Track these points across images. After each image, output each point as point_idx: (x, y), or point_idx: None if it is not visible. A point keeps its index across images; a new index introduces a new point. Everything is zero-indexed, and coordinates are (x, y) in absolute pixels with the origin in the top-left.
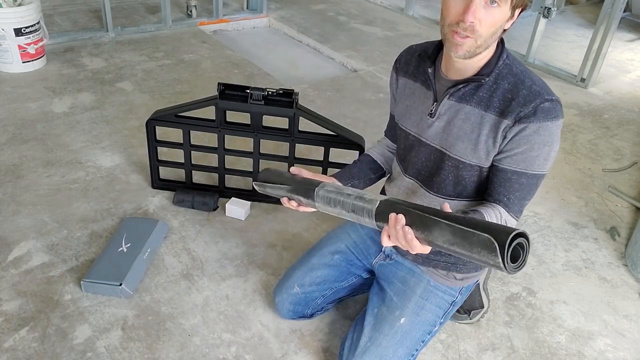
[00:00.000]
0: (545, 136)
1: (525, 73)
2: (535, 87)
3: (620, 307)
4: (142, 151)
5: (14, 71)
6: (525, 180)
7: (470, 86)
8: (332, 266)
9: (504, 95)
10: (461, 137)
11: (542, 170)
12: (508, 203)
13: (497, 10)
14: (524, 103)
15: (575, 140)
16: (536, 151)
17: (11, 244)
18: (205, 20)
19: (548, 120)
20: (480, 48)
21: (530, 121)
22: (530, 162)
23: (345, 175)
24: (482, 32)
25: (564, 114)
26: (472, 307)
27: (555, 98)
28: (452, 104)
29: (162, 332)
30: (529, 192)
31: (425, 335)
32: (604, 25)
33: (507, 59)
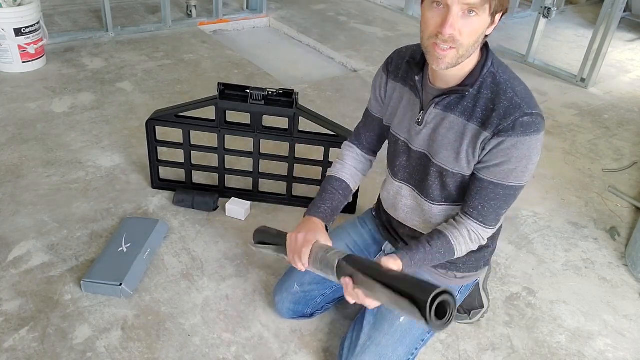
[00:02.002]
0: (523, 150)
1: (509, 82)
2: (516, 99)
3: (620, 307)
4: (142, 151)
5: (14, 71)
6: (501, 191)
7: (455, 96)
8: None
9: (487, 105)
10: (445, 146)
11: (520, 182)
12: (482, 212)
13: (476, 19)
14: (504, 116)
15: (575, 140)
16: (514, 164)
17: (11, 244)
18: (205, 20)
19: (526, 134)
20: (463, 58)
21: (509, 135)
22: (507, 175)
23: (329, 213)
24: (463, 42)
25: (544, 127)
26: (472, 307)
27: (536, 112)
28: (438, 113)
29: (162, 332)
30: (506, 202)
31: (425, 334)
32: (604, 25)
33: (492, 66)
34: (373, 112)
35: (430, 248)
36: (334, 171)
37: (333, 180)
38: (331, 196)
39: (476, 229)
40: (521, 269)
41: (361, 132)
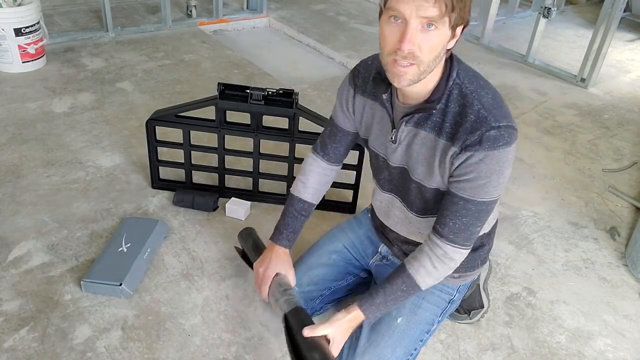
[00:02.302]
0: (492, 164)
1: (475, 94)
2: (482, 111)
3: (620, 307)
4: (142, 151)
5: (14, 71)
6: (472, 207)
7: (422, 113)
8: (329, 265)
9: (454, 118)
10: (420, 162)
11: (491, 197)
12: (453, 229)
13: (436, 32)
14: (470, 130)
15: (575, 140)
16: (483, 179)
17: (11, 244)
18: (205, 20)
19: (494, 148)
20: (424, 74)
21: (476, 150)
22: (477, 190)
23: (292, 237)
24: (424, 58)
25: (515, 138)
26: (472, 307)
27: (504, 124)
28: (410, 129)
29: (162, 332)
30: (477, 218)
31: (424, 334)
32: (604, 25)
33: (458, 77)
34: (341, 125)
35: (390, 287)
36: (295, 190)
37: (295, 202)
38: (293, 220)
39: (445, 252)
40: (521, 269)
41: (327, 142)
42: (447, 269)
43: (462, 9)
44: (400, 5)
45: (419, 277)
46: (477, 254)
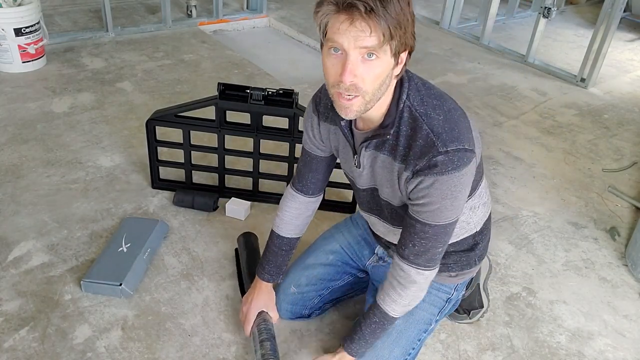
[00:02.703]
0: (443, 189)
1: (424, 117)
2: (431, 136)
3: (620, 307)
4: (142, 151)
5: (14, 71)
6: (429, 230)
7: (378, 138)
8: (327, 265)
9: (407, 141)
10: (384, 183)
11: (446, 220)
12: (414, 250)
13: (378, 62)
14: (420, 155)
15: (575, 140)
16: (436, 204)
17: (11, 244)
18: (205, 20)
19: (443, 174)
20: (371, 103)
21: (425, 174)
22: (431, 214)
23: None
24: (367, 89)
25: (467, 160)
26: (472, 307)
27: (452, 148)
28: (370, 153)
29: (162, 332)
30: (437, 240)
31: (421, 333)
32: (604, 25)
33: (408, 99)
34: (313, 153)
35: (364, 322)
36: (275, 227)
37: (274, 238)
38: (274, 256)
39: (407, 274)
40: (521, 269)
41: (304, 172)
42: (412, 294)
43: (403, 35)
44: (339, 37)
45: (386, 306)
46: (474, 253)
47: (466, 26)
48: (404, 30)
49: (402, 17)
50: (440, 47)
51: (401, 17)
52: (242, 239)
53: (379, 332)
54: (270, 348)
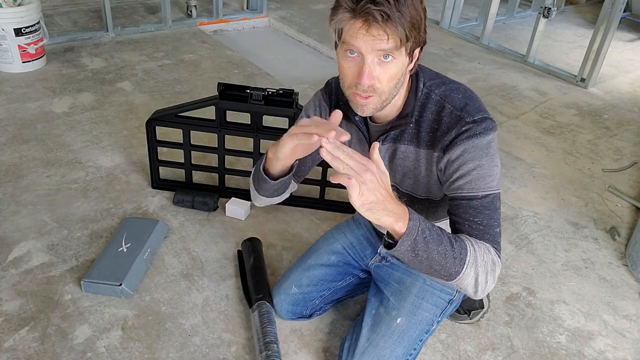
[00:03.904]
0: (475, 152)
1: (445, 97)
2: (456, 112)
3: (620, 307)
4: (142, 151)
5: (14, 71)
6: (477, 203)
7: (398, 129)
8: (329, 266)
9: (430, 126)
10: (406, 174)
11: (490, 189)
12: (472, 233)
13: (394, 63)
14: (447, 131)
15: (575, 140)
16: (474, 171)
17: (11, 244)
18: (205, 20)
19: (471, 138)
20: (387, 101)
21: (455, 145)
22: (473, 184)
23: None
24: (384, 89)
25: (494, 127)
26: (472, 307)
27: (479, 117)
28: (388, 146)
29: (162, 332)
30: (489, 215)
31: (423, 334)
32: (604, 25)
33: (425, 86)
34: None
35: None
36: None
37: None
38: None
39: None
40: (521, 269)
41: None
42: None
43: (417, 35)
44: (356, 41)
45: (468, 244)
46: None
47: (466, 26)
48: (418, 30)
49: (416, 17)
50: (440, 47)
51: (416, 18)
52: (249, 245)
53: (439, 251)
54: (276, 350)
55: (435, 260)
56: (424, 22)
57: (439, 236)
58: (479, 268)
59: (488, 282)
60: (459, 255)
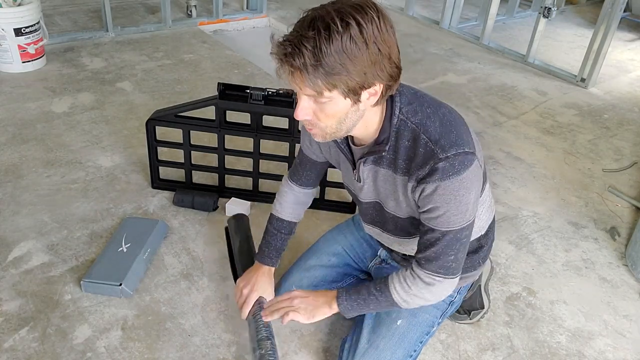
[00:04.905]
0: (446, 195)
1: (421, 126)
2: (430, 145)
3: (620, 307)
4: (142, 151)
5: (13, 71)
6: (440, 236)
7: (375, 154)
8: (329, 267)
9: (407, 154)
10: (388, 196)
11: (455, 226)
12: (427, 255)
13: (329, 104)
14: (421, 164)
15: (575, 140)
16: (442, 210)
17: (11, 244)
18: (205, 20)
19: (444, 179)
20: (339, 133)
21: (427, 182)
22: (439, 220)
23: (275, 255)
24: (326, 124)
25: (469, 162)
26: (472, 308)
27: (452, 153)
28: (370, 168)
29: (162, 332)
30: (448, 247)
31: (423, 336)
32: (604, 25)
33: (401, 113)
34: (309, 156)
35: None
36: (274, 210)
37: (274, 221)
38: (274, 238)
39: (420, 277)
40: (521, 269)
41: (299, 170)
42: (420, 290)
43: (352, 80)
44: (289, 83)
45: (392, 285)
46: (477, 256)
47: (466, 26)
48: (351, 76)
49: (348, 64)
50: (440, 47)
51: (346, 66)
52: (234, 222)
53: (372, 305)
54: (270, 348)
55: (375, 308)
56: (373, 64)
57: (365, 299)
58: (410, 298)
59: (428, 300)
60: (387, 299)
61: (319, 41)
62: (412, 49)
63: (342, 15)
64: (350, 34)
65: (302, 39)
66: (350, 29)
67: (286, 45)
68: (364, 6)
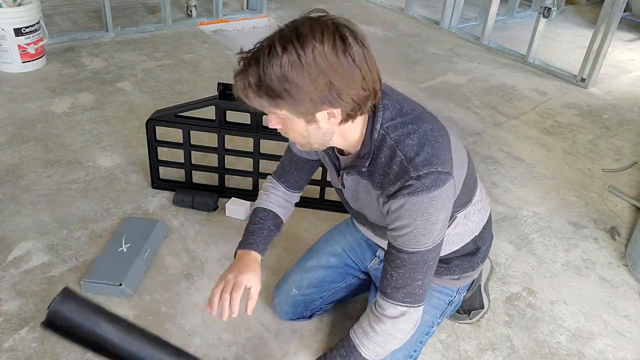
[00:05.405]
0: (414, 210)
1: (399, 142)
2: (404, 162)
3: (620, 307)
4: (142, 151)
5: (13, 71)
6: (406, 257)
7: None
8: (329, 268)
9: (383, 170)
10: (368, 206)
11: (421, 247)
12: (392, 282)
13: (288, 121)
14: (394, 181)
15: (575, 140)
16: (409, 227)
17: (11, 244)
18: (205, 20)
19: (412, 195)
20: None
21: (396, 197)
22: (406, 239)
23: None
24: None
25: (440, 182)
26: (472, 308)
27: (423, 172)
28: (352, 178)
29: (162, 332)
30: (415, 270)
31: (423, 336)
32: (604, 25)
33: (382, 128)
34: (300, 155)
35: (330, 355)
36: (258, 203)
37: (259, 212)
38: (259, 227)
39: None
40: (521, 269)
41: (288, 170)
42: (387, 331)
43: (293, 104)
44: None
45: (357, 339)
46: (476, 257)
47: (466, 26)
48: (296, 101)
49: (292, 90)
50: (440, 47)
51: (290, 91)
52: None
53: None
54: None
55: None
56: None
57: None
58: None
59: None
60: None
61: (263, 64)
62: (412, 49)
63: (283, 41)
64: (288, 59)
65: (251, 60)
66: (288, 55)
67: (240, 62)
68: (314, 32)
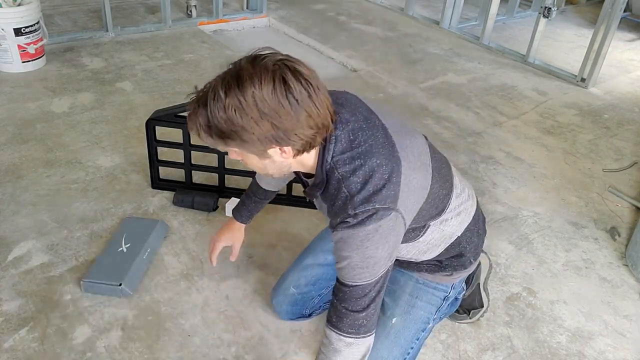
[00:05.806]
0: (349, 243)
1: (344, 177)
2: (348, 199)
3: (620, 307)
4: (142, 151)
5: (13, 71)
6: (347, 290)
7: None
8: (325, 265)
9: (331, 199)
10: None
11: (362, 280)
12: (337, 312)
13: (244, 156)
14: (335, 214)
15: (575, 140)
16: (346, 260)
17: (11, 244)
18: (205, 20)
19: (349, 228)
20: (274, 175)
21: (336, 229)
22: (345, 272)
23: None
24: (255, 169)
25: (379, 218)
26: (472, 307)
27: (360, 210)
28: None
29: (162, 332)
30: (356, 304)
31: (419, 332)
32: (604, 25)
33: (332, 161)
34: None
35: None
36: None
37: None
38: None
39: (329, 340)
40: (521, 269)
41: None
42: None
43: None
44: None
45: None
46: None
47: (466, 26)
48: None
49: (239, 131)
50: (440, 47)
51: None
52: None
53: None
54: None
55: None
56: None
57: None
58: None
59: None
60: None
61: (209, 107)
62: (412, 49)
63: (226, 87)
64: (231, 104)
65: (200, 102)
66: (230, 99)
67: (192, 101)
68: (252, 76)
